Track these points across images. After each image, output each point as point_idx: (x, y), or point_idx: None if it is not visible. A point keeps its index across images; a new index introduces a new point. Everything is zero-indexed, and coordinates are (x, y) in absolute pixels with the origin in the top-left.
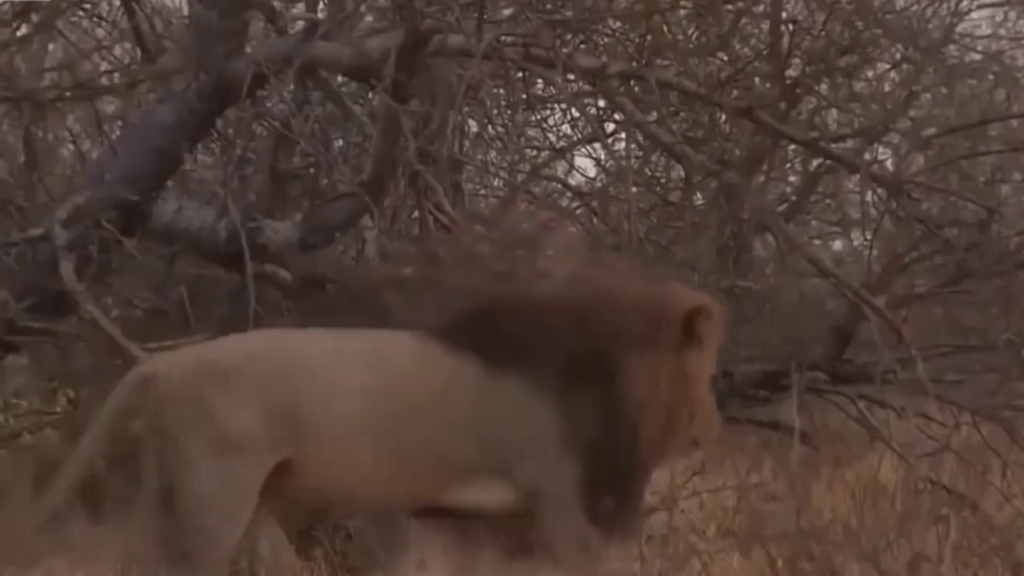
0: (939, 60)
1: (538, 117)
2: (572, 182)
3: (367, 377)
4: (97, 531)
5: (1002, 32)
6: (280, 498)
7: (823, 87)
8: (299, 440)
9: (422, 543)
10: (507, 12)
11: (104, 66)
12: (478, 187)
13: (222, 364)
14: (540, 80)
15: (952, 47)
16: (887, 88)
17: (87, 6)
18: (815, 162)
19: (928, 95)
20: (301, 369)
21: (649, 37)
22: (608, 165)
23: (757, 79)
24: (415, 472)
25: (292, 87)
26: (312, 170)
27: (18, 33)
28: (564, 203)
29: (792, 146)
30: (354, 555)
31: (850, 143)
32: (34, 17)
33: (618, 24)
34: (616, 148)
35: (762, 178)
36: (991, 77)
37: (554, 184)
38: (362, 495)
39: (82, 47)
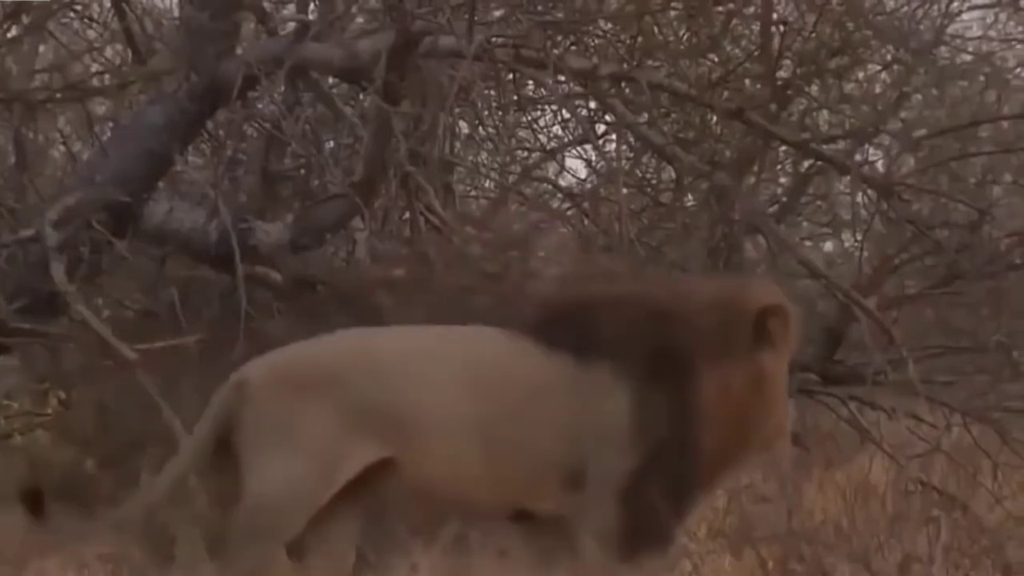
0: (930, 61)
1: (529, 118)
2: (563, 183)
3: (466, 377)
4: (89, 531)
5: (992, 33)
6: (390, 497)
7: (814, 88)
8: (401, 440)
9: (414, 546)
10: (498, 13)
11: (95, 67)
12: (469, 188)
13: (313, 368)
14: (531, 81)
15: (943, 48)
16: (878, 89)
17: (78, 7)
18: (806, 163)
19: (919, 96)
20: (399, 370)
21: (640, 38)
22: (599, 166)
23: (748, 80)
24: (516, 473)
25: (283, 88)
26: (303, 171)
27: (9, 34)
28: (555, 204)
29: (783, 147)
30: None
31: (841, 144)
32: (25, 18)
33: (609, 25)
34: (607, 149)
35: (753, 179)
36: (982, 78)
37: (545, 185)
38: (469, 497)
39: (73, 48)
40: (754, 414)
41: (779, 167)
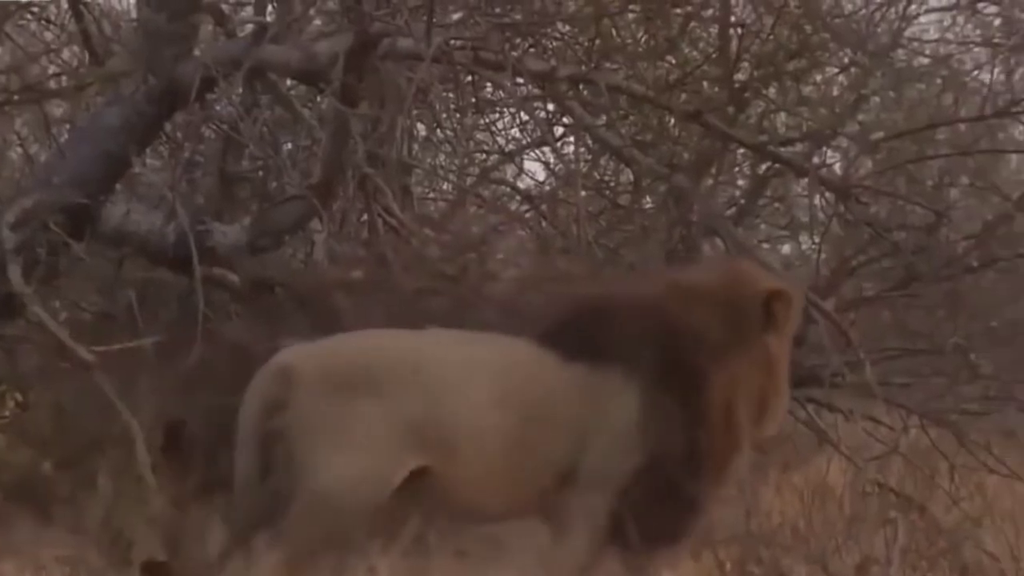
0: (887, 64)
1: (487, 120)
2: (521, 185)
3: (496, 386)
4: (45, 533)
5: (950, 36)
6: (419, 503)
7: (772, 91)
8: (439, 449)
9: (372, 547)
10: (456, 16)
11: (52, 69)
12: (427, 190)
13: (364, 368)
14: (489, 83)
15: (900, 51)
16: (835, 92)
17: (35, 9)
18: (764, 166)
19: (876, 99)
20: (437, 379)
21: (598, 41)
22: (557, 168)
23: (706, 83)
24: (537, 479)
25: (241, 90)
26: (261, 173)
27: None
28: (513, 206)
29: (741, 150)
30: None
31: (799, 147)
32: None
33: (567, 28)
34: (565, 151)
35: (711, 181)
36: (939, 81)
37: (503, 187)
38: (495, 502)
39: (30, 50)
40: (763, 397)
41: (737, 169)
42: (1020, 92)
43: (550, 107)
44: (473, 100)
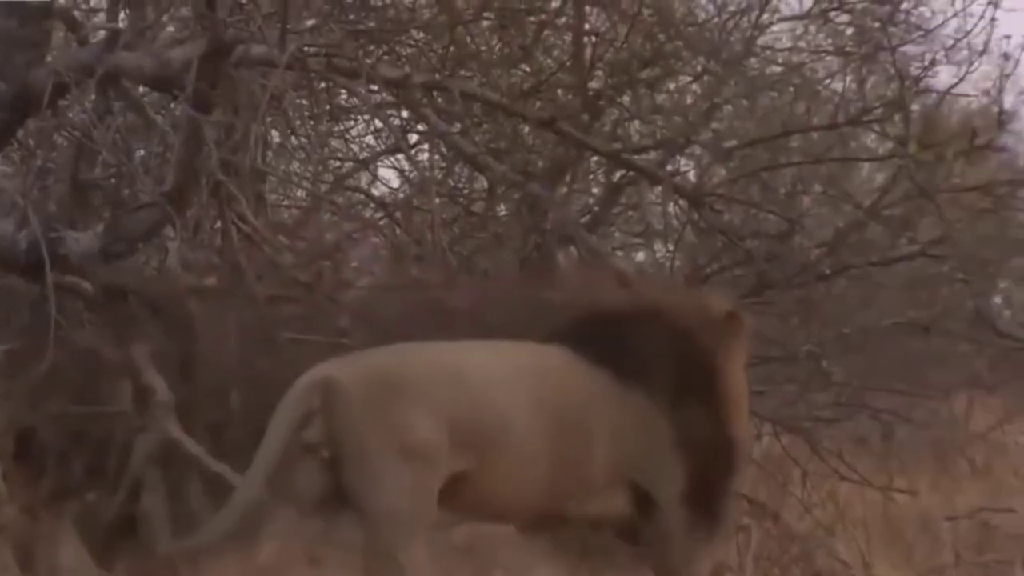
0: (740, 72)
1: (341, 128)
2: (376, 193)
3: (533, 391)
4: None
5: (802, 45)
6: (452, 506)
7: (625, 99)
8: (481, 453)
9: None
10: (310, 22)
11: None
12: (281, 197)
13: (406, 376)
14: (343, 90)
15: (753, 60)
16: (689, 100)
17: None
18: (618, 173)
19: (729, 107)
20: (476, 384)
21: (452, 48)
22: (411, 176)
23: (560, 90)
24: (568, 483)
25: (94, 97)
26: (114, 180)
27: None
28: (367, 214)
29: (595, 157)
30: (157, 569)
31: (652, 155)
32: None
33: (421, 35)
34: (419, 159)
35: (565, 189)
36: (791, 89)
37: (358, 195)
38: (527, 506)
39: None
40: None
41: (591, 177)
42: (872, 101)
43: (404, 114)
44: (327, 107)
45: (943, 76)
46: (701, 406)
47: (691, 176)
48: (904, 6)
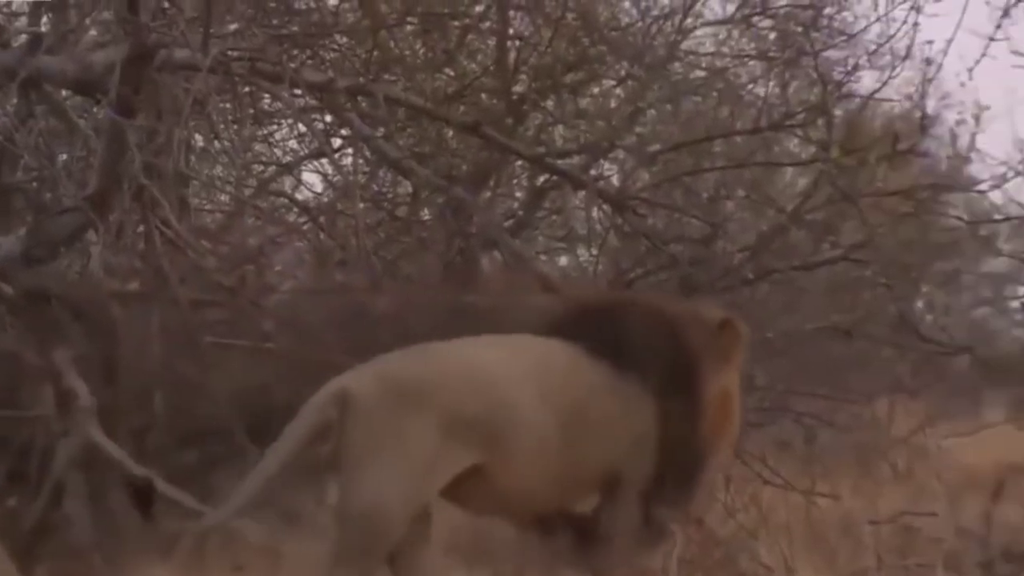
0: (664, 77)
1: (265, 132)
2: (299, 197)
3: (541, 384)
4: None
5: (725, 50)
6: (464, 499)
7: (549, 103)
8: (493, 448)
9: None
10: (233, 27)
11: None
12: (205, 202)
13: (420, 384)
14: (267, 95)
15: (677, 64)
16: (613, 104)
17: None
18: (541, 178)
19: (653, 111)
20: (488, 379)
21: (376, 52)
22: (335, 180)
23: (484, 95)
24: (578, 475)
25: (15, 100)
26: (36, 184)
27: None
28: (291, 218)
29: (519, 162)
30: (78, 572)
31: (576, 159)
32: None
33: (345, 39)
34: (343, 163)
35: (489, 193)
36: (715, 94)
37: (281, 199)
38: (541, 497)
39: None
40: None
41: (515, 181)
42: (795, 105)
43: (328, 119)
44: (251, 111)
45: (866, 81)
46: (681, 404)
47: (615, 180)
48: (827, 11)
